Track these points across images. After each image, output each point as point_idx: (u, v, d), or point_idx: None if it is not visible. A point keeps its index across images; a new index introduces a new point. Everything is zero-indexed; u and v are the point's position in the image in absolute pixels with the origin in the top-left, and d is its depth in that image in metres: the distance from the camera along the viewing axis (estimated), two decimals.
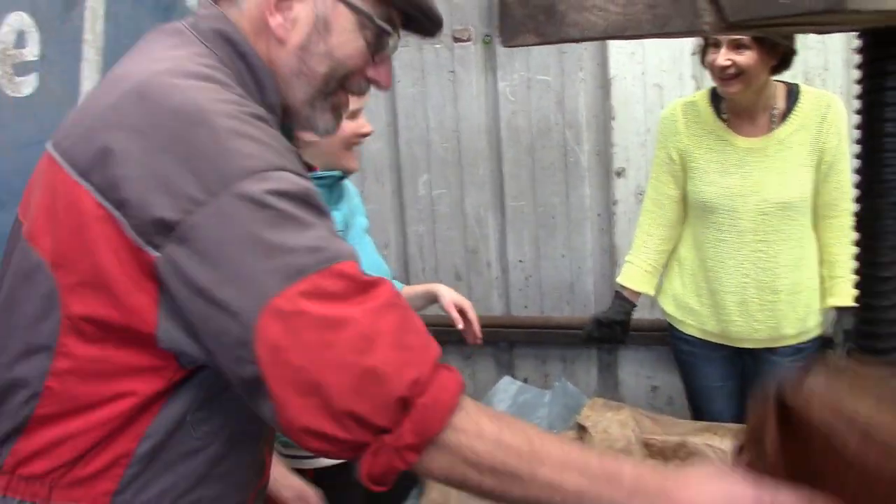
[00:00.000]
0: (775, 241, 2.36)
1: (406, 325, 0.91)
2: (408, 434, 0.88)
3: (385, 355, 0.87)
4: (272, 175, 0.89)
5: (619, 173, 3.15)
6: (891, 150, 1.27)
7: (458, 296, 2.19)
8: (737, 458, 0.98)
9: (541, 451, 0.91)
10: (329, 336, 0.86)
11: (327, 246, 0.90)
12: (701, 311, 2.51)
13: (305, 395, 0.86)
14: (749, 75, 2.25)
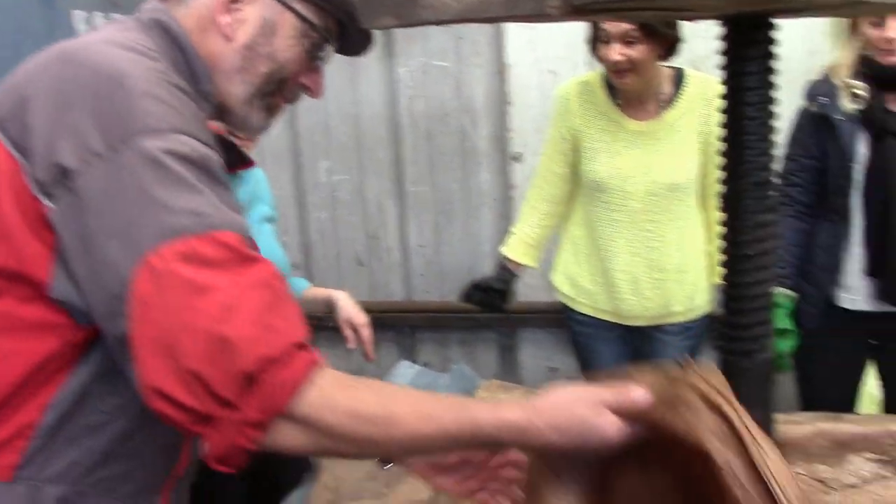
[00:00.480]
0: (663, 220, 2.42)
1: (274, 307, 0.91)
2: (252, 410, 0.88)
3: (242, 329, 0.87)
4: (172, 136, 0.91)
5: (515, 158, 3.19)
6: (752, 133, 1.33)
7: (355, 312, 2.19)
8: None
9: (396, 413, 0.94)
10: (193, 299, 0.86)
11: (213, 213, 0.90)
12: (593, 290, 2.56)
13: (160, 354, 0.86)
14: (641, 67, 2.30)
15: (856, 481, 1.94)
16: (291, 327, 0.92)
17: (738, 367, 1.41)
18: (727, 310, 1.42)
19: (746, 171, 1.34)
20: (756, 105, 1.32)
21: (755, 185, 1.34)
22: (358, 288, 3.46)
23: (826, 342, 2.39)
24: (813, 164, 2.35)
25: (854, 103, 2.24)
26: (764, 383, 1.43)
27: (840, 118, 2.25)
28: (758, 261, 1.37)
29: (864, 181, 2.24)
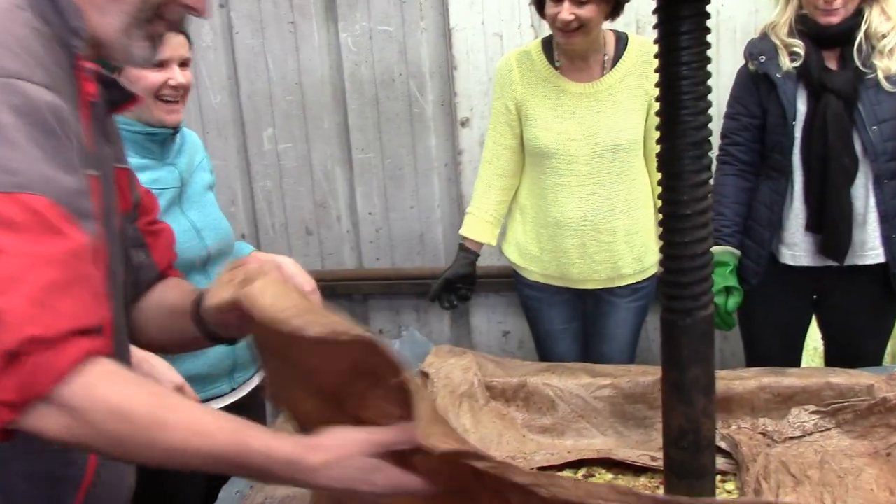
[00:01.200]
0: (610, 182, 2.44)
1: (64, 287, 0.86)
2: (8, 389, 0.84)
3: (16, 303, 0.83)
4: (4, 81, 0.86)
5: (463, 123, 3.18)
6: (687, 92, 1.33)
7: (301, 277, 2.16)
8: None
9: (165, 420, 0.91)
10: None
11: (27, 171, 0.85)
12: (542, 257, 2.57)
13: None
14: (589, 27, 2.31)
15: (798, 434, 1.98)
16: (78, 311, 0.87)
17: (679, 326, 1.43)
18: (667, 269, 1.44)
19: (682, 130, 1.35)
20: (690, 64, 1.32)
21: (691, 145, 1.35)
22: (308, 257, 3.43)
23: (769, 298, 2.44)
24: (754, 123, 2.38)
25: (793, 61, 2.26)
26: (705, 340, 1.45)
27: (779, 76, 2.27)
28: (696, 219, 1.39)
29: (803, 138, 2.27)
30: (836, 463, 1.83)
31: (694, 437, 1.48)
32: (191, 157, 2.06)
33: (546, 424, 2.10)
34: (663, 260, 1.45)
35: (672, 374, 1.46)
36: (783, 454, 1.87)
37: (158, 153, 1.95)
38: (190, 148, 2.08)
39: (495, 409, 2.13)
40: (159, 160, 1.96)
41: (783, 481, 1.76)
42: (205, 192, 2.09)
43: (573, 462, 1.96)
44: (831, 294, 2.43)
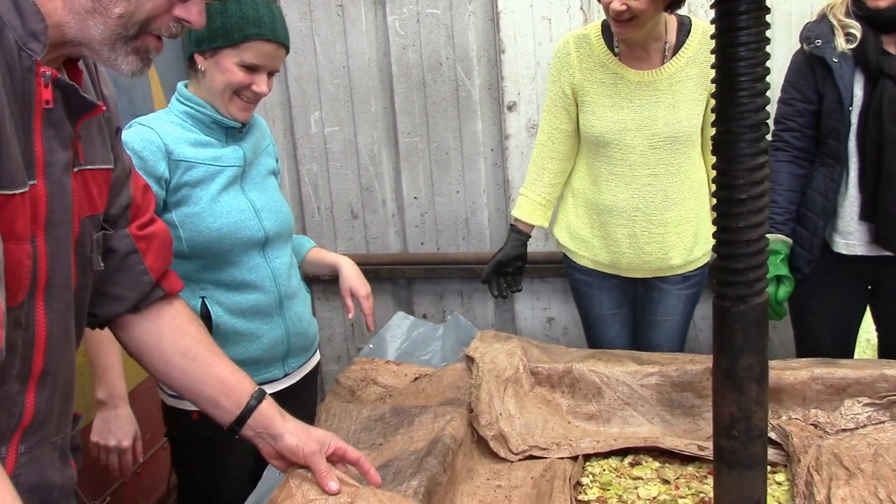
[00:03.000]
0: (665, 174, 2.40)
1: None
2: None
3: None
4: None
5: (510, 107, 3.16)
6: (744, 74, 1.31)
7: (358, 282, 2.23)
8: None
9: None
10: None
11: None
12: (593, 243, 2.55)
13: None
14: (642, 18, 2.24)
15: (851, 426, 1.95)
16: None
17: (732, 312, 1.40)
18: (720, 255, 1.41)
19: (739, 113, 1.32)
20: (747, 45, 1.29)
21: (748, 128, 1.32)
22: (353, 241, 3.45)
23: (822, 288, 2.40)
24: (809, 108, 2.33)
25: (848, 42, 2.21)
26: (759, 328, 1.42)
27: (835, 60, 2.22)
28: (751, 204, 1.36)
29: (859, 124, 2.23)
30: (891, 456, 1.81)
31: (745, 426, 1.45)
32: (258, 141, 2.08)
33: (592, 411, 2.09)
34: (717, 246, 1.42)
35: (724, 362, 1.44)
36: (835, 446, 1.84)
37: (223, 137, 1.98)
38: (258, 132, 2.10)
39: (540, 395, 2.12)
40: (223, 141, 1.98)
41: (836, 473, 1.73)
42: (267, 176, 2.11)
43: (620, 450, 1.96)
44: (886, 284, 2.39)
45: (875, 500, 1.64)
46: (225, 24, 1.86)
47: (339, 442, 1.48)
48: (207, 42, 1.89)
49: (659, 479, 1.85)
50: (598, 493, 1.80)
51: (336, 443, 1.47)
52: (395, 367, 2.36)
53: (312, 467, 1.43)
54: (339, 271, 2.25)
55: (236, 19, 1.86)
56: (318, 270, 2.33)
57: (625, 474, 1.88)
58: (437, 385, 2.17)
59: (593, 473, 1.88)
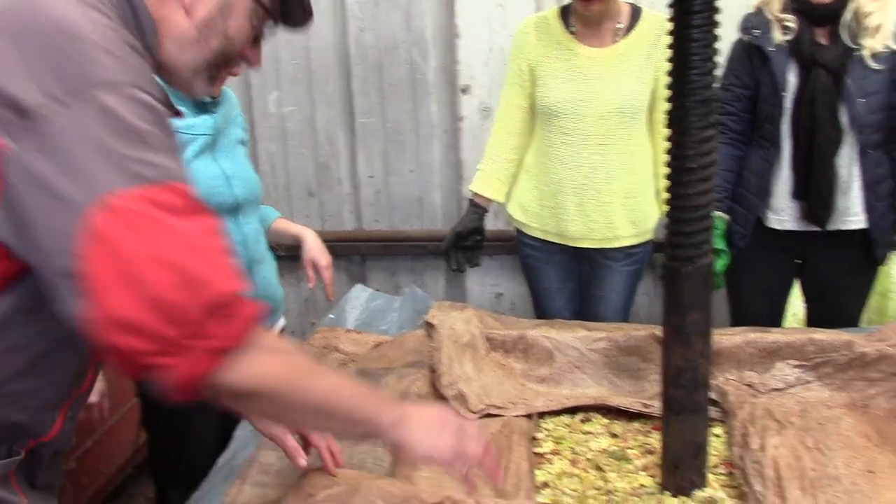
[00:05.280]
0: (612, 145, 2.55)
1: (228, 251, 0.99)
2: (215, 338, 0.96)
3: (206, 265, 0.95)
4: (129, 90, 0.96)
5: (464, 90, 3.27)
6: (696, 53, 1.44)
7: (320, 253, 2.33)
8: None
9: (320, 370, 1.15)
10: (161, 238, 0.92)
11: (168, 165, 0.97)
12: (542, 213, 2.68)
13: (127, 287, 0.90)
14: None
15: (781, 385, 2.10)
16: (240, 271, 1.01)
17: (681, 272, 1.54)
18: (672, 219, 1.55)
19: (691, 89, 1.45)
20: (700, 27, 1.43)
21: (699, 103, 1.46)
22: (309, 218, 3.52)
23: (755, 261, 2.56)
24: (746, 94, 2.49)
25: (785, 35, 2.38)
26: (704, 287, 1.56)
27: (772, 49, 2.39)
28: (700, 173, 1.50)
29: (793, 109, 2.39)
30: (817, 412, 1.96)
31: (691, 376, 1.60)
32: (227, 111, 2.15)
33: (544, 374, 2.20)
34: (668, 212, 1.56)
35: (673, 318, 1.58)
36: (767, 404, 1.99)
37: (193, 106, 2.04)
38: (227, 104, 2.16)
39: (495, 360, 2.23)
40: (193, 110, 2.04)
41: (768, 426, 1.88)
42: (236, 145, 2.17)
43: (570, 408, 2.09)
44: (814, 258, 2.56)
45: (804, 447, 1.79)
46: None
47: None
48: None
49: (608, 434, 1.98)
50: (552, 446, 1.92)
51: None
52: (355, 335, 2.46)
53: (281, 446, 1.51)
54: (303, 242, 2.34)
55: None
56: (282, 240, 2.42)
57: (577, 430, 2.00)
58: (399, 350, 2.27)
59: (547, 429, 2.00)
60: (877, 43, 2.31)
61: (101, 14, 1.01)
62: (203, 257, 0.95)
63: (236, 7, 1.19)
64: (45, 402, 1.14)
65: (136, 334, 0.91)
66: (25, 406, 1.11)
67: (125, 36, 1.03)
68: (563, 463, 1.86)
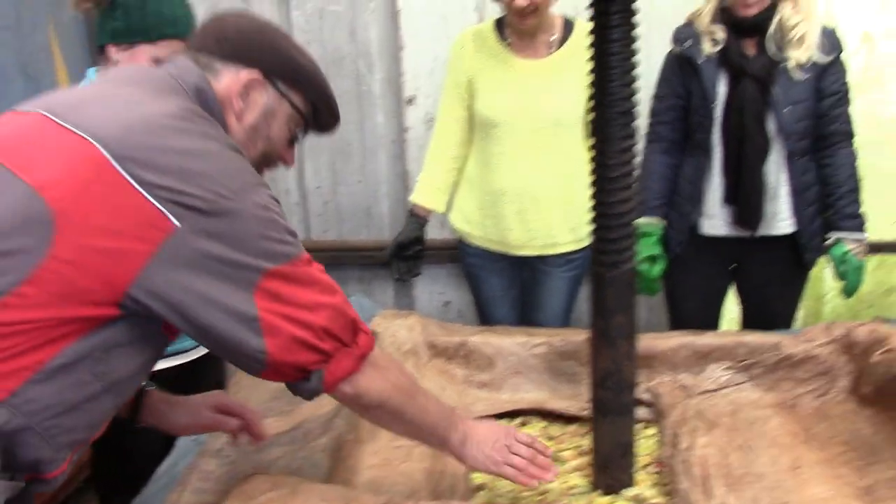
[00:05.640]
0: (550, 154, 2.61)
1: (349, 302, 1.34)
2: (359, 347, 1.32)
3: (338, 300, 1.29)
4: (264, 188, 1.23)
5: (409, 101, 3.31)
6: (615, 66, 1.50)
7: None
8: None
9: (416, 387, 1.47)
10: (309, 290, 1.24)
11: (294, 241, 1.24)
12: (484, 222, 2.74)
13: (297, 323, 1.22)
14: (542, 9, 2.50)
15: (713, 387, 2.17)
16: None
17: (606, 277, 1.60)
18: (596, 226, 1.60)
19: (612, 100, 1.51)
20: (619, 41, 1.48)
21: (619, 114, 1.52)
22: None
23: (691, 266, 2.63)
24: (679, 103, 2.56)
25: (714, 47, 2.45)
26: (629, 291, 1.62)
27: (702, 60, 2.46)
28: (622, 181, 1.55)
29: (723, 118, 2.47)
30: (747, 413, 2.02)
31: (617, 378, 1.65)
32: None
33: (484, 380, 2.24)
34: (593, 218, 1.61)
35: (599, 322, 1.63)
36: (699, 405, 2.05)
37: None
38: None
39: (437, 366, 2.27)
40: None
41: (697, 426, 1.94)
42: None
43: (510, 412, 2.13)
44: (747, 263, 2.63)
45: (731, 446, 1.86)
46: (143, 21, 1.93)
47: (225, 399, 1.66)
48: (124, 36, 1.95)
49: (545, 436, 2.02)
50: None
51: (223, 399, 1.66)
52: None
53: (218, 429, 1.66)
54: None
55: (154, 18, 1.92)
56: None
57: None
58: None
59: None
60: (801, 54, 2.39)
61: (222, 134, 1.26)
62: (334, 296, 1.28)
63: (278, 114, 1.37)
64: (71, 442, 1.22)
65: (307, 351, 1.25)
66: (57, 442, 1.19)
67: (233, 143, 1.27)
68: None
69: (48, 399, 1.15)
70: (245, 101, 1.34)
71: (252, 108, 1.34)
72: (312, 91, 1.41)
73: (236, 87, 1.32)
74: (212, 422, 1.62)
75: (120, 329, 1.18)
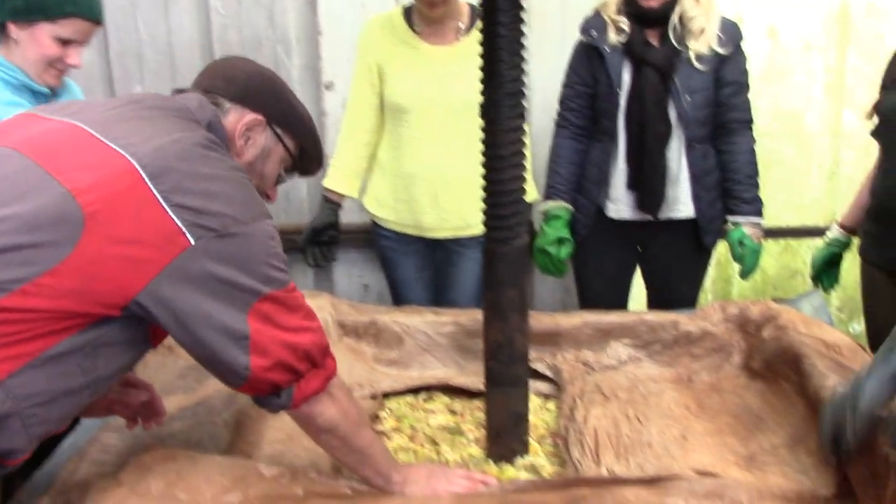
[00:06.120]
0: (461, 139, 2.65)
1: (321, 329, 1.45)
2: (324, 369, 1.42)
3: (317, 325, 1.41)
4: (270, 219, 1.35)
5: (328, 86, 3.33)
6: (504, 48, 1.56)
7: None
8: None
9: (365, 421, 1.58)
10: (295, 315, 1.35)
11: (287, 270, 1.35)
12: (397, 206, 2.78)
13: (283, 345, 1.33)
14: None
15: (615, 363, 2.25)
16: None
17: (497, 253, 1.66)
18: (487, 204, 1.66)
19: (500, 82, 1.57)
20: (507, 25, 1.54)
21: (508, 95, 1.58)
22: None
23: (598, 248, 2.71)
24: (586, 91, 2.63)
25: (619, 36, 2.53)
26: (519, 266, 1.68)
27: (607, 49, 2.54)
28: (511, 160, 1.62)
29: (627, 105, 2.55)
30: (644, 387, 2.11)
31: (509, 351, 1.71)
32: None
33: (394, 358, 2.30)
34: (484, 197, 1.67)
35: (490, 295, 1.69)
36: (599, 380, 2.13)
37: (32, 100, 2.05)
38: (68, 94, 2.17)
39: (347, 345, 2.31)
40: (31, 99, 2.05)
41: (594, 399, 2.02)
42: None
43: (416, 388, 2.18)
44: (651, 245, 2.72)
45: (625, 418, 1.93)
46: (43, 0, 1.95)
47: (129, 374, 1.69)
48: (24, 14, 1.96)
49: (448, 411, 2.08)
50: (393, 424, 2.01)
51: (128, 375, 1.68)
52: None
53: None
54: None
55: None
56: None
57: (419, 408, 2.10)
58: None
59: (391, 408, 2.10)
60: (701, 45, 2.48)
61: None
62: (314, 320, 1.40)
63: (273, 154, 1.51)
64: (43, 433, 1.30)
65: (285, 371, 1.35)
66: (32, 432, 1.27)
67: None
68: (402, 439, 1.95)
69: (36, 386, 1.23)
70: (246, 140, 1.47)
71: (252, 147, 1.48)
72: (304, 136, 1.55)
73: (241, 127, 1.46)
74: (119, 395, 1.65)
75: (113, 329, 1.28)
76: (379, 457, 1.55)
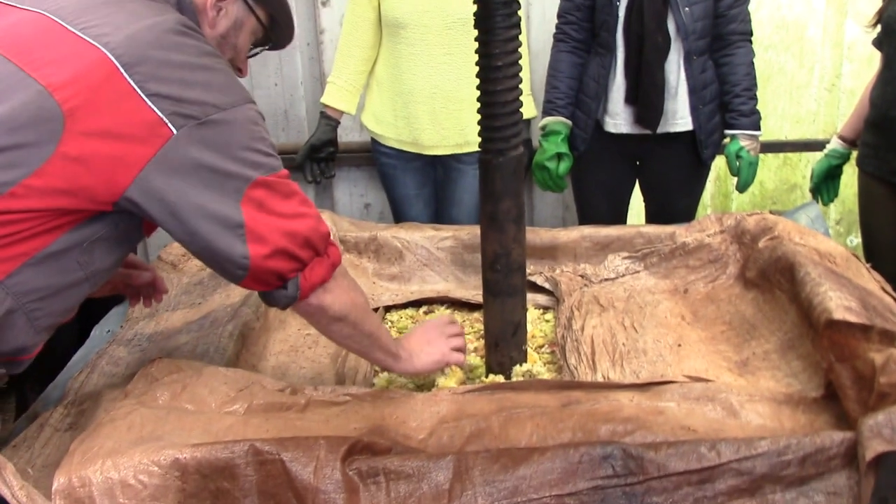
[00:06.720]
0: (459, 53, 2.64)
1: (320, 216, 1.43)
2: (328, 257, 1.42)
3: (315, 212, 1.39)
4: (253, 104, 1.33)
5: (324, 3, 3.29)
6: None
7: None
8: None
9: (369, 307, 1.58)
10: (290, 201, 1.33)
11: (277, 156, 1.35)
12: (396, 123, 2.78)
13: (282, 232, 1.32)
14: None
15: (612, 275, 2.28)
16: None
17: (493, 164, 1.66)
18: (483, 115, 1.66)
19: None
20: None
21: (502, 4, 1.56)
22: None
23: (596, 163, 2.72)
24: (585, 3, 2.60)
25: None
26: (515, 177, 1.69)
27: None
28: (507, 70, 1.61)
29: (625, 18, 2.52)
30: (640, 297, 2.14)
31: (506, 261, 1.73)
32: None
33: (394, 272, 2.33)
34: (480, 108, 1.67)
35: (487, 207, 1.70)
36: (597, 292, 2.16)
37: None
38: None
39: (348, 261, 2.34)
40: None
41: (591, 309, 2.05)
42: None
43: (415, 301, 2.22)
44: (649, 159, 2.73)
45: (621, 327, 1.97)
46: None
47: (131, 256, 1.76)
48: None
49: None
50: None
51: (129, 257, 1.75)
52: None
53: None
54: None
55: None
56: None
57: (420, 320, 2.14)
58: None
59: (392, 321, 2.14)
60: None
61: None
62: (311, 206, 1.38)
63: (245, 25, 1.49)
64: (49, 325, 1.32)
65: (286, 258, 1.33)
66: (38, 325, 1.29)
67: None
68: None
69: (37, 282, 1.25)
70: (218, 11, 1.44)
71: (224, 18, 1.45)
72: (275, 7, 1.53)
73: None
74: (123, 278, 1.73)
75: (107, 224, 1.29)
76: (385, 337, 1.59)
